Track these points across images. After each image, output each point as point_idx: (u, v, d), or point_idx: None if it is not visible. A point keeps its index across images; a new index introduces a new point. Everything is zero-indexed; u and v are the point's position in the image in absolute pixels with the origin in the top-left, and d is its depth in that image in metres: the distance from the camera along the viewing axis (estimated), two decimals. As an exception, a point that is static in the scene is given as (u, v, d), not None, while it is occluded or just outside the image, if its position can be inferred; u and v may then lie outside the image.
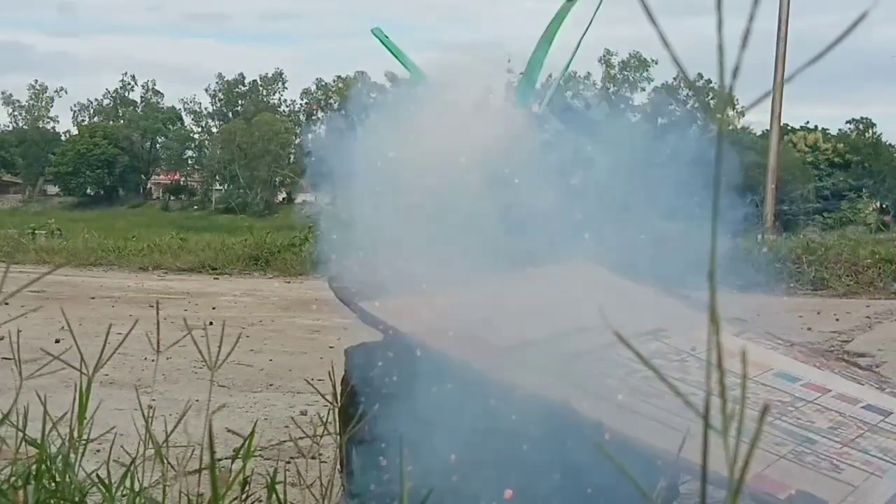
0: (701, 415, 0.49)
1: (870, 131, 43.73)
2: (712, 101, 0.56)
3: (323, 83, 72.61)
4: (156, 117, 71.89)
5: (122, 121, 72.54)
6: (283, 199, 66.07)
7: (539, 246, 2.33)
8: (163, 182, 72.17)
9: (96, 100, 76.62)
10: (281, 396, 4.10)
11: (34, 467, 1.79)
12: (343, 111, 2.47)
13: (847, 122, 44.32)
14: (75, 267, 12.48)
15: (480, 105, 2.41)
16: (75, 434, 1.85)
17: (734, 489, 0.48)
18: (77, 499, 1.80)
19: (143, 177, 71.96)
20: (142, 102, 74.97)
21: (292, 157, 63.25)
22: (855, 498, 1.78)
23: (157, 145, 73.28)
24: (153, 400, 1.99)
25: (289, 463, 2.52)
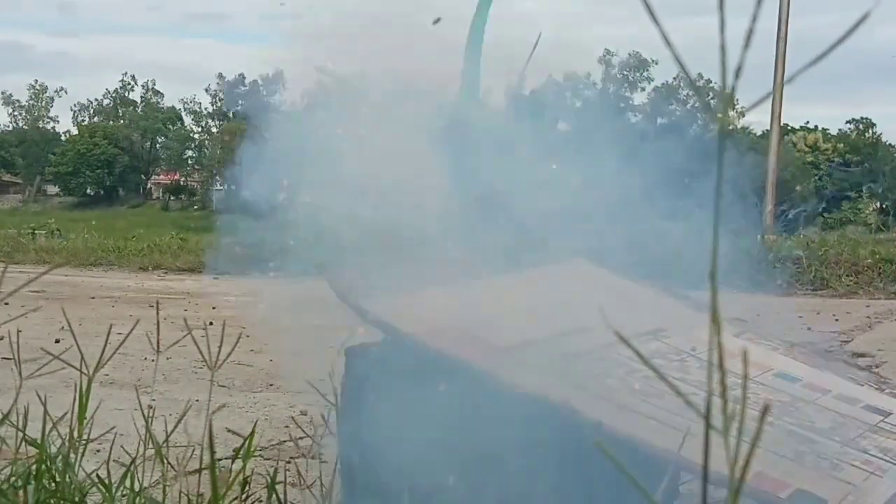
0: (702, 415, 0.49)
1: (870, 131, 43.75)
2: (712, 102, 0.56)
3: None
4: (156, 117, 71.81)
5: (122, 121, 72.46)
6: (283, 198, 65.93)
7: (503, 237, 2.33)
8: (163, 182, 72.10)
9: (96, 100, 76.52)
10: (281, 396, 4.10)
11: (34, 467, 1.78)
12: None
13: (847, 122, 44.29)
14: (75, 267, 12.47)
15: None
16: (75, 434, 1.85)
17: (735, 489, 0.48)
18: (77, 499, 1.80)
19: (143, 177, 71.89)
20: (142, 102, 74.88)
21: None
22: (855, 497, 1.78)
23: (157, 145, 73.20)
24: (153, 400, 1.99)
25: (289, 463, 2.52)
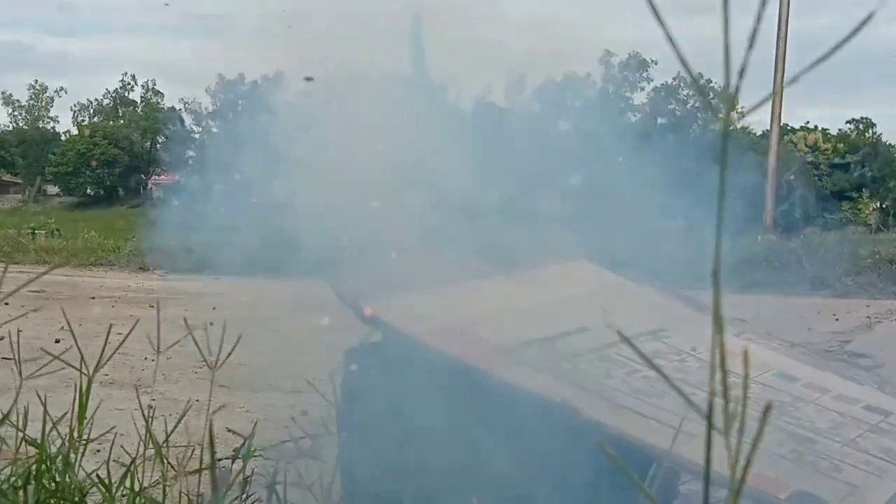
0: (704, 415, 0.49)
1: (870, 131, 43.74)
2: (714, 102, 0.56)
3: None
4: (156, 117, 71.70)
5: (122, 121, 72.30)
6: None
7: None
8: (163, 182, 72.02)
9: (96, 100, 76.27)
10: (281, 396, 4.09)
11: (34, 467, 1.78)
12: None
13: (847, 122, 44.22)
14: (75, 267, 12.46)
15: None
16: (75, 434, 1.84)
17: (735, 489, 0.48)
18: (77, 499, 1.80)
19: (143, 177, 71.77)
20: (142, 102, 74.69)
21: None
22: (855, 498, 1.78)
23: (158, 145, 73.08)
24: (153, 400, 1.99)
25: (289, 463, 2.52)
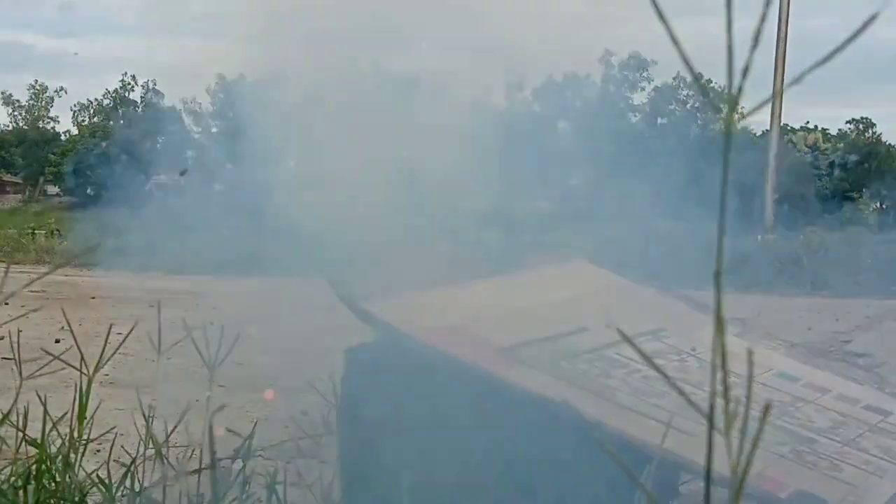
0: (705, 415, 0.49)
1: (870, 131, 43.72)
2: (716, 102, 0.56)
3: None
4: (156, 117, 71.67)
5: (122, 121, 72.28)
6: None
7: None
8: (163, 182, 72.00)
9: (96, 100, 76.25)
10: (281, 396, 4.09)
11: (34, 467, 1.78)
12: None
13: (847, 122, 44.16)
14: (75, 267, 12.45)
15: None
16: (75, 434, 1.85)
17: (736, 489, 0.48)
18: (77, 499, 1.80)
19: (143, 177, 71.68)
20: (142, 102, 74.67)
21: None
22: (855, 498, 1.78)
23: (158, 145, 73.01)
24: (153, 400, 1.99)
25: (289, 463, 2.52)
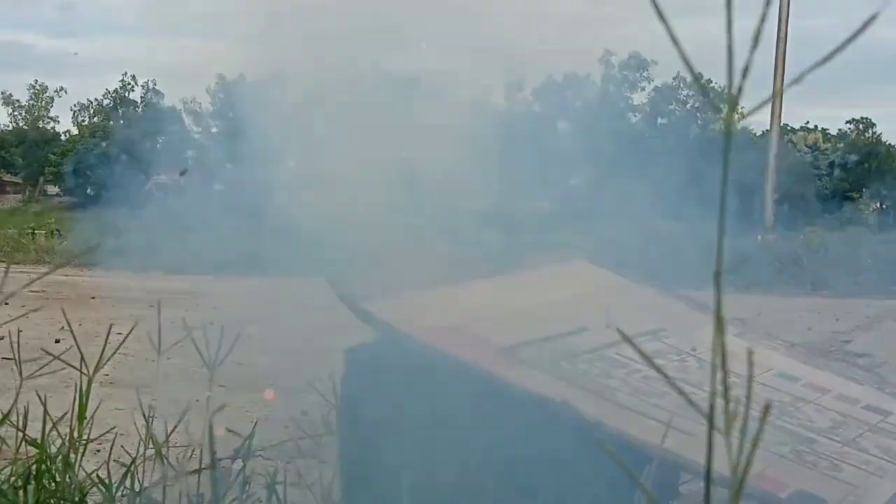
0: (705, 415, 0.49)
1: (870, 131, 43.71)
2: (716, 102, 0.56)
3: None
4: (156, 117, 71.69)
5: (122, 121, 72.29)
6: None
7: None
8: (163, 182, 71.98)
9: (96, 100, 76.25)
10: (281, 396, 4.09)
11: (34, 467, 1.78)
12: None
13: (847, 122, 44.15)
14: (75, 267, 12.45)
15: None
16: (75, 434, 1.85)
17: (736, 489, 0.48)
18: (77, 499, 1.80)
19: (143, 177, 71.72)
20: (142, 102, 74.66)
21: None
22: (855, 498, 1.78)
23: (158, 145, 73.04)
24: (153, 400, 1.99)
25: (289, 463, 2.52)
